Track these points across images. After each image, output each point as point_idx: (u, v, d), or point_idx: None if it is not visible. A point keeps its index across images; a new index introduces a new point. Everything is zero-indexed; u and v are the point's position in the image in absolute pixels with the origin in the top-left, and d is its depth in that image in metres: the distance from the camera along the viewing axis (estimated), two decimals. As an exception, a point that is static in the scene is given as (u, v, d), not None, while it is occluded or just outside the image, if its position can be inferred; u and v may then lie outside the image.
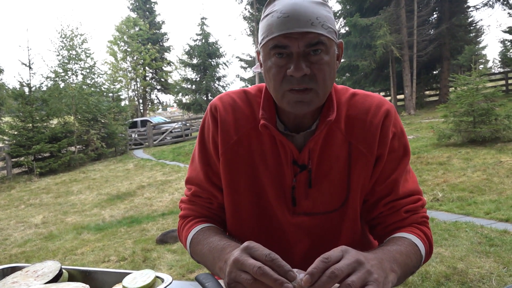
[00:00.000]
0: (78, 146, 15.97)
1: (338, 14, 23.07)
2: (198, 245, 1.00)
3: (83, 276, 0.87)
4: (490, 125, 7.95)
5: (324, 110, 0.97)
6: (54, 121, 16.35)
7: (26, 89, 14.87)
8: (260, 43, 0.92)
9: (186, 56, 29.69)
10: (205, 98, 29.25)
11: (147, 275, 0.80)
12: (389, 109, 1.01)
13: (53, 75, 17.05)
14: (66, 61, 17.22)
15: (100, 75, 18.48)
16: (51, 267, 0.85)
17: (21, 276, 0.83)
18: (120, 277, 0.83)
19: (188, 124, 21.56)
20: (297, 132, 1.00)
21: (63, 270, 0.87)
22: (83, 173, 12.95)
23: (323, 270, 0.71)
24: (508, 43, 22.46)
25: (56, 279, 0.83)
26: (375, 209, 1.03)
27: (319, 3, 0.89)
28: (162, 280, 0.79)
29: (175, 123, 21.34)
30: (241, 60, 29.47)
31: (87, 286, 0.77)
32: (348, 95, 1.03)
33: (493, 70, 38.17)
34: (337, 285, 0.71)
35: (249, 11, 26.80)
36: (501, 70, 33.70)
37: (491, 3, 19.46)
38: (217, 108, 1.06)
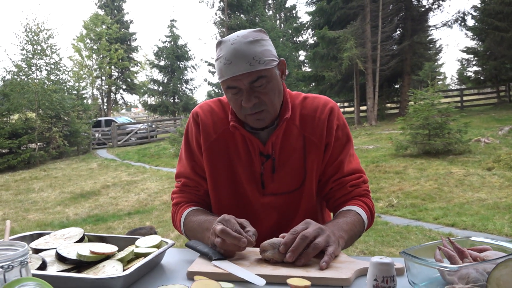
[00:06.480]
0: (39, 143, 15.57)
1: (306, 26, 23.69)
2: (190, 223, 1.25)
3: (99, 241, 1.05)
4: (443, 138, 8.49)
5: (282, 111, 1.25)
6: (15, 117, 15.89)
7: (-14, 83, 14.41)
8: (219, 80, 1.20)
9: (154, 57, 29.47)
10: (172, 100, 29.06)
11: (155, 238, 1.01)
12: (333, 107, 1.30)
13: (16, 70, 16.53)
14: (30, 56, 16.76)
15: (66, 72, 18.05)
16: (76, 231, 1.02)
17: (51, 238, 1.00)
18: (130, 241, 1.02)
19: (154, 126, 21.41)
20: (262, 129, 1.25)
21: (84, 235, 1.04)
22: (44, 171, 12.66)
23: (293, 239, 0.96)
24: (465, 62, 23.74)
25: (80, 241, 1.01)
26: (326, 186, 1.31)
27: (254, 42, 1.13)
28: (166, 243, 0.99)
29: (141, 124, 21.15)
30: (209, 64, 29.35)
31: (111, 245, 0.96)
32: (300, 98, 1.33)
33: (450, 87, 40.08)
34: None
35: (220, 17, 26.95)
36: (458, 87, 35.49)
37: (449, 23, 20.67)
38: (198, 114, 1.34)
